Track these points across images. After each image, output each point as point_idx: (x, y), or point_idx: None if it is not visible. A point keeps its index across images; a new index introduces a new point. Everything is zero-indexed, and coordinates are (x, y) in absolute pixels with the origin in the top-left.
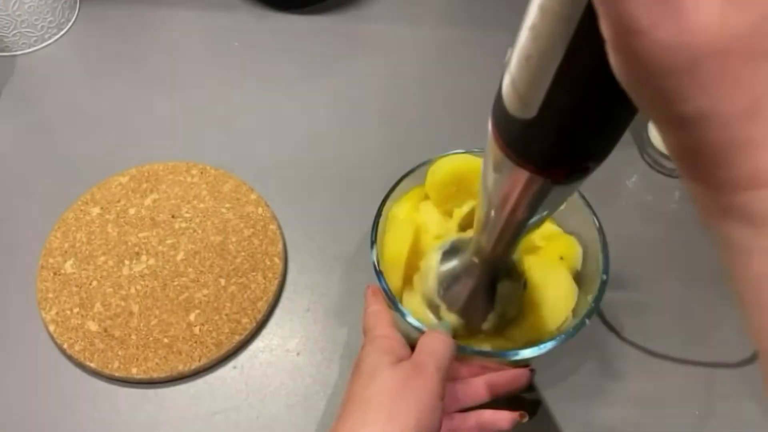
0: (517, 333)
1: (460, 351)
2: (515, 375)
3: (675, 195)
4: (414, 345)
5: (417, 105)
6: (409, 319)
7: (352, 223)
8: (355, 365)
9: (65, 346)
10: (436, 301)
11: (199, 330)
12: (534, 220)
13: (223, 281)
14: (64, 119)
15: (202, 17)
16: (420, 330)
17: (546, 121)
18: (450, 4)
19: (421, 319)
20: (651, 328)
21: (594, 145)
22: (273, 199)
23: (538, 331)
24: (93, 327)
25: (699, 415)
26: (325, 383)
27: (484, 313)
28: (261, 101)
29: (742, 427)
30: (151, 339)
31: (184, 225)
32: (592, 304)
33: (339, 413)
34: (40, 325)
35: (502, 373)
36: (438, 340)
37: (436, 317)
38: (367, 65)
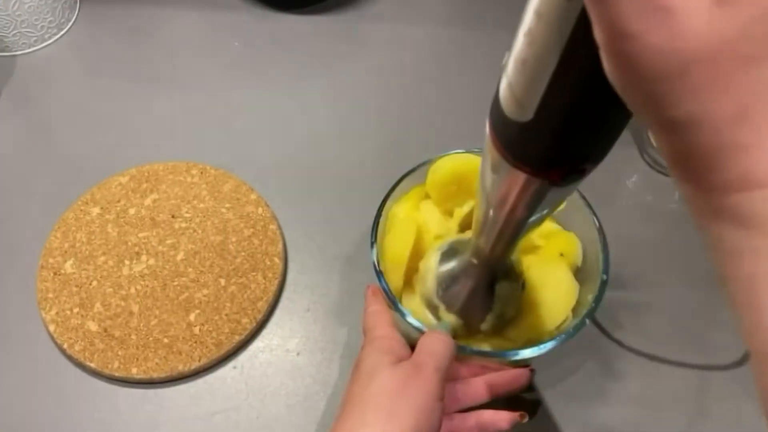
0: (516, 333)
1: (460, 351)
2: (515, 375)
3: (675, 195)
4: (414, 345)
5: (417, 105)
6: (409, 319)
7: (352, 223)
8: (355, 365)
9: (65, 346)
10: (435, 301)
11: (199, 330)
12: (532, 221)
13: (223, 281)
14: (64, 119)
15: (202, 17)
16: (420, 330)
17: (542, 123)
18: (450, 4)
19: (421, 319)
20: (651, 328)
21: (590, 148)
22: (273, 199)
23: (538, 330)
24: (93, 327)
25: (698, 416)
26: (325, 383)
27: (482, 314)
28: (261, 101)
29: (742, 428)
30: (151, 339)
31: (184, 225)
32: (592, 304)
33: (338, 413)
34: (40, 325)
35: (502, 373)
36: (438, 341)
37: (435, 318)
38: (367, 65)
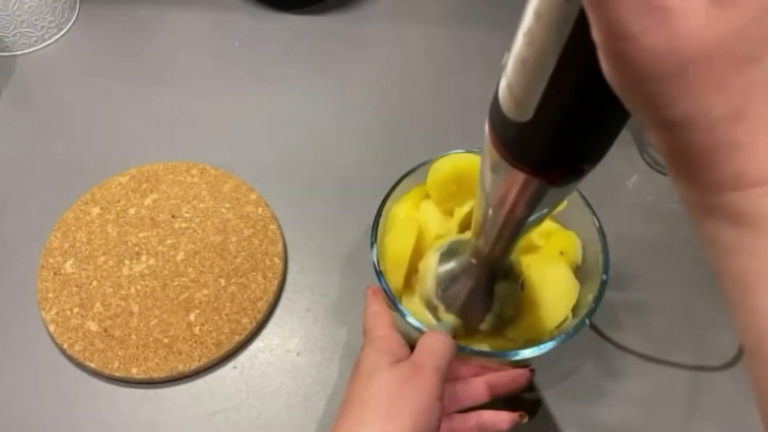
0: (516, 333)
1: (460, 351)
2: (515, 375)
3: (675, 195)
4: (414, 345)
5: (417, 105)
6: (409, 319)
7: (352, 223)
8: (355, 365)
9: (65, 346)
10: (434, 302)
11: (199, 330)
12: (531, 221)
13: (223, 281)
14: (64, 119)
15: (202, 17)
16: (420, 330)
17: (541, 123)
18: (449, 5)
19: (421, 319)
20: (651, 328)
21: (589, 148)
22: (273, 199)
23: (538, 330)
24: (93, 327)
25: (699, 416)
26: (325, 383)
27: (482, 314)
28: (261, 101)
29: (742, 428)
30: (151, 339)
31: (184, 225)
32: (592, 304)
33: (338, 413)
34: (40, 325)
35: (502, 373)
36: (437, 341)
37: (435, 318)
38: (367, 65)
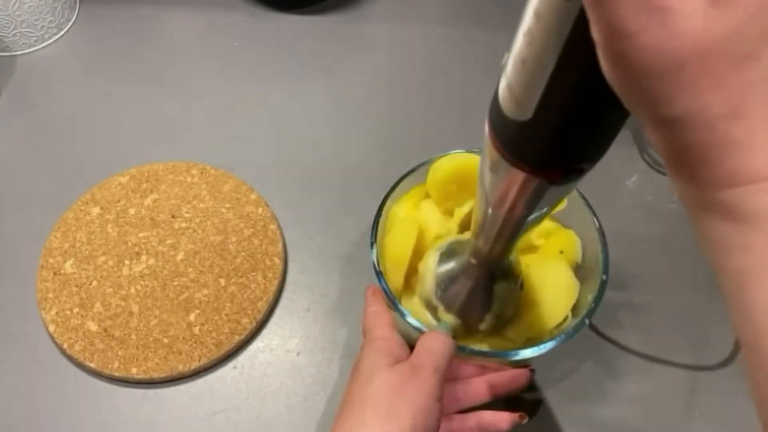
0: (516, 332)
1: (460, 351)
2: (515, 375)
3: (675, 195)
4: (414, 346)
5: (417, 105)
6: (409, 319)
7: (352, 223)
8: (354, 366)
9: (65, 346)
10: (434, 302)
11: (199, 330)
12: (530, 220)
13: (223, 281)
14: (64, 119)
15: (202, 17)
16: (420, 330)
17: (541, 122)
18: (449, 5)
19: (420, 319)
20: (651, 327)
21: (588, 146)
22: (273, 199)
23: (538, 329)
24: (93, 327)
25: (699, 415)
26: (325, 383)
27: (481, 314)
28: (261, 101)
29: (743, 427)
30: (151, 339)
31: (184, 225)
32: (592, 304)
33: (338, 413)
34: (40, 325)
35: (502, 373)
36: (437, 341)
37: (434, 318)
38: (367, 65)
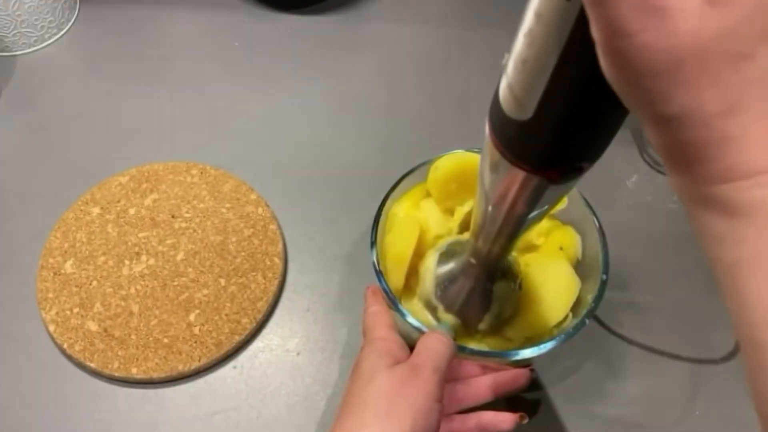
0: (516, 331)
1: (460, 351)
2: (515, 375)
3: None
4: (414, 346)
5: (417, 105)
6: (409, 319)
7: (352, 223)
8: (354, 366)
9: (65, 346)
10: (433, 302)
11: (199, 330)
12: (529, 219)
13: (223, 281)
14: (64, 119)
15: (202, 17)
16: (420, 330)
17: (541, 122)
18: (450, 4)
19: (420, 319)
20: (651, 327)
21: (588, 145)
22: (273, 199)
23: (538, 328)
24: (93, 327)
25: (700, 414)
26: (325, 383)
27: (480, 314)
28: (261, 101)
29: (744, 425)
30: (151, 339)
31: (184, 225)
32: (592, 304)
33: (338, 414)
34: (40, 325)
35: (502, 373)
36: (437, 341)
37: (434, 318)
38: (367, 65)
